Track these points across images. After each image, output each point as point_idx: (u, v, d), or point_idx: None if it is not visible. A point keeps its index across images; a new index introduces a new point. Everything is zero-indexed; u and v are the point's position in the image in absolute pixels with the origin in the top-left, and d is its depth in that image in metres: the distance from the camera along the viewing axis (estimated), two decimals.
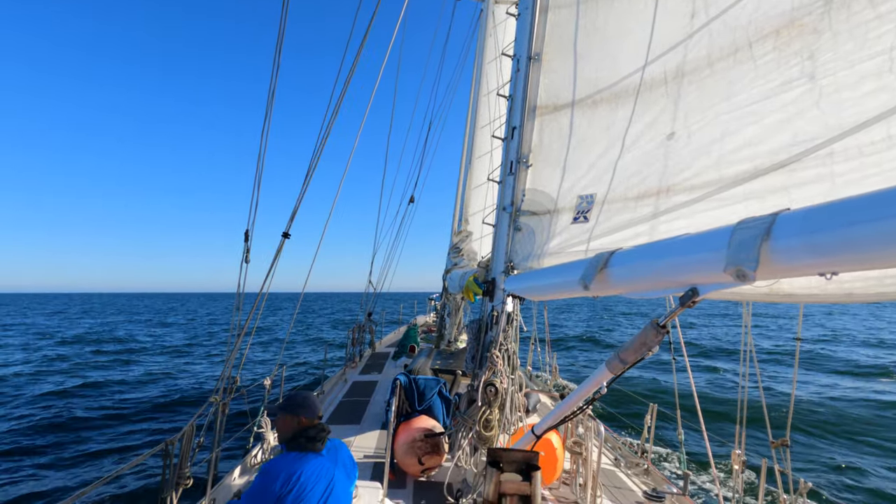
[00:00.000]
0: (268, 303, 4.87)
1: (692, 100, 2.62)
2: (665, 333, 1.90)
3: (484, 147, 9.55)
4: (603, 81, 3.30)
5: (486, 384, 3.59)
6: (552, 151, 3.76)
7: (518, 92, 3.97)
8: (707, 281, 1.64)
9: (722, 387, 15.20)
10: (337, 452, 2.38)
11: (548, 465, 3.97)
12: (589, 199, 3.29)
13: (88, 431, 10.56)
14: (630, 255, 2.06)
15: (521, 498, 2.32)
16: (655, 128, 2.85)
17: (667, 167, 2.72)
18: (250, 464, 4.26)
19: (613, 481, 4.49)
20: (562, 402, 2.79)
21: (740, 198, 2.28)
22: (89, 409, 12.27)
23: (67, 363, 20.01)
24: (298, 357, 22.57)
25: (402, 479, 4.16)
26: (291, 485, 2.10)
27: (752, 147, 2.25)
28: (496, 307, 3.97)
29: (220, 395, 3.68)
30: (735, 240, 1.44)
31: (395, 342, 11.89)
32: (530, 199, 3.89)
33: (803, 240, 1.21)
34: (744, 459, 3.75)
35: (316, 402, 2.39)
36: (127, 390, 14.78)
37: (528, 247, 3.85)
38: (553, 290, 2.99)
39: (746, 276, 1.38)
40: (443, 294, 10.47)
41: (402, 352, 9.42)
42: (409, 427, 4.27)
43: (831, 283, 1.71)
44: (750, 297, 2.11)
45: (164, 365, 19.89)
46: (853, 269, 1.14)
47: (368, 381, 7.94)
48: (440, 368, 6.69)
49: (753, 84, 2.25)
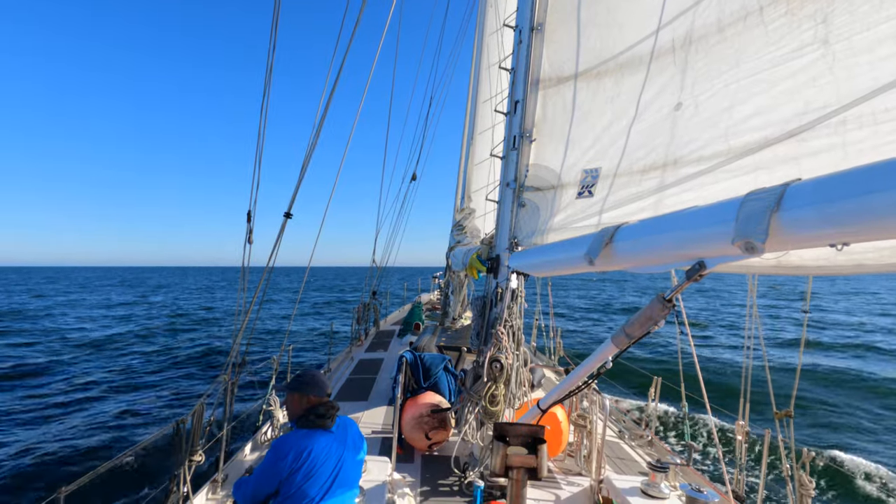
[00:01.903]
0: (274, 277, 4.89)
1: (700, 68, 2.54)
2: (671, 308, 1.89)
3: (486, 122, 9.42)
4: (608, 51, 3.21)
5: (491, 360, 3.61)
6: (556, 125, 3.69)
7: (520, 64, 3.88)
8: (714, 254, 1.62)
9: (723, 361, 15.32)
10: (346, 429, 2.41)
11: (553, 438, 4.03)
12: (594, 174, 3.24)
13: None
14: (636, 230, 2.03)
15: (527, 470, 2.36)
16: (662, 98, 2.78)
17: (674, 139, 2.67)
18: (261, 440, 4.35)
19: (618, 453, 4.56)
20: (567, 377, 2.81)
21: (749, 169, 2.23)
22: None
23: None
24: (305, 333, 22.85)
25: (409, 453, 4.24)
26: (302, 461, 2.13)
27: (761, 116, 2.19)
28: (500, 284, 3.96)
29: (228, 374, 3.73)
30: (744, 212, 1.41)
31: (399, 320, 11.98)
32: (534, 174, 3.83)
33: (815, 210, 1.18)
34: (747, 430, 3.79)
35: (324, 380, 2.41)
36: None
37: (532, 223, 3.81)
38: (558, 266, 2.97)
39: (755, 249, 1.36)
40: (446, 271, 10.49)
41: (407, 329, 9.49)
42: (416, 403, 4.32)
43: (841, 255, 1.68)
44: (758, 270, 2.09)
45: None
46: (867, 240, 1.12)
47: (374, 359, 8.02)
48: (445, 345, 6.75)
49: (764, 50, 2.18)
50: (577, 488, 3.71)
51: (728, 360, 15.29)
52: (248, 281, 4.08)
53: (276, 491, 2.20)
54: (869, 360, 15.95)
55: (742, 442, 3.80)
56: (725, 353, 16.63)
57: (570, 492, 3.68)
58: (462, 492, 3.57)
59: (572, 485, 3.78)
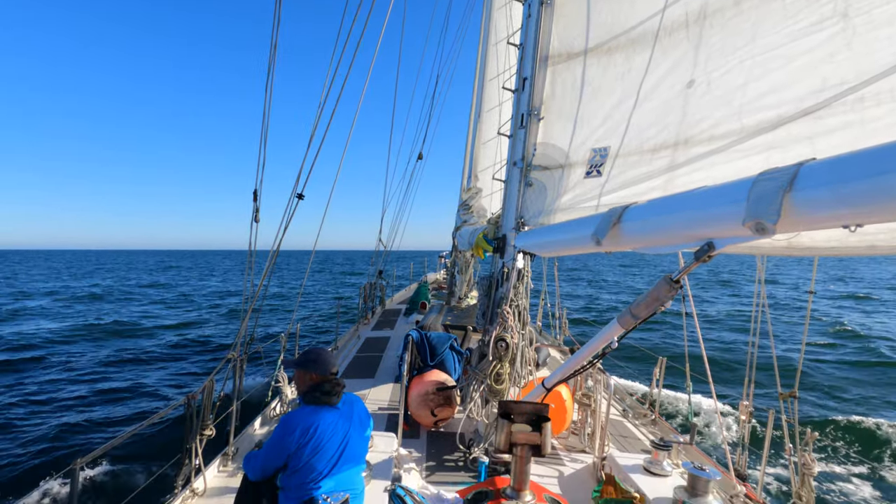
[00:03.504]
0: (280, 258, 4.92)
1: (715, 43, 2.47)
2: (679, 288, 1.88)
3: (493, 100, 9.28)
4: (619, 26, 3.13)
5: (496, 339, 3.63)
6: (565, 103, 3.62)
7: (529, 40, 3.79)
8: (724, 235, 1.60)
9: (729, 343, 15.34)
10: (352, 406, 2.45)
11: (557, 416, 4.07)
12: (603, 153, 3.19)
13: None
14: (645, 210, 2.01)
15: (531, 447, 2.39)
16: (674, 75, 2.71)
17: (685, 117, 2.61)
18: (270, 415, 4.44)
19: (621, 431, 4.61)
20: (572, 357, 2.82)
21: (762, 148, 2.19)
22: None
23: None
24: (313, 312, 23.11)
25: (415, 429, 4.31)
26: (309, 436, 2.18)
27: (776, 94, 2.14)
28: (507, 264, 3.96)
29: (237, 352, 3.79)
30: (755, 192, 1.39)
31: (406, 299, 12.06)
32: (542, 153, 3.79)
33: (829, 190, 1.16)
34: (751, 410, 3.80)
35: (329, 358, 2.44)
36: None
37: (539, 202, 3.78)
38: (564, 246, 2.96)
39: (766, 230, 1.34)
40: (453, 251, 10.49)
41: (414, 308, 9.55)
42: (422, 380, 4.38)
43: (853, 236, 1.65)
44: (767, 251, 2.07)
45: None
46: (882, 221, 1.09)
47: (381, 337, 8.11)
48: (451, 324, 6.79)
49: (782, 24, 2.11)
50: (581, 465, 3.77)
51: (735, 342, 15.31)
52: (254, 261, 4.11)
53: (284, 465, 2.25)
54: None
55: (746, 421, 3.82)
56: (731, 335, 16.63)
57: (573, 468, 3.73)
58: (467, 467, 3.64)
59: (576, 462, 3.83)
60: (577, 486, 3.49)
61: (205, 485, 3.17)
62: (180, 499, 2.98)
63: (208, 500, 3.10)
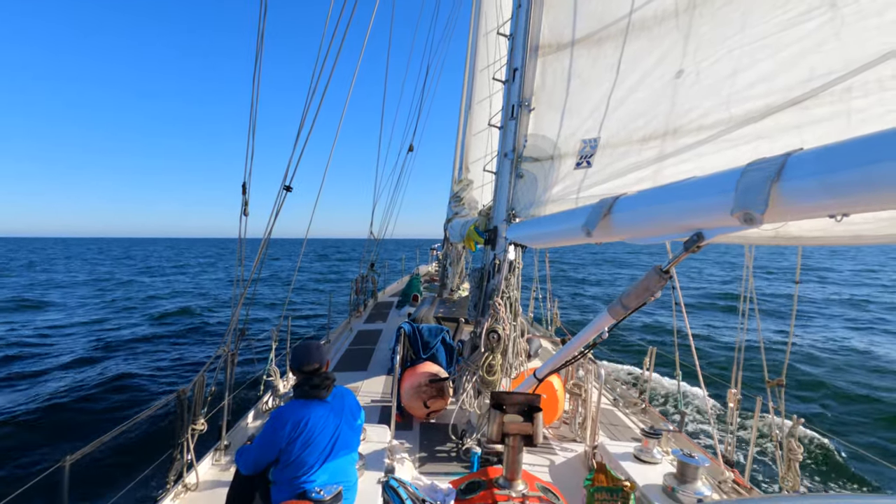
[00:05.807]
0: (272, 248, 4.86)
1: (704, 33, 2.47)
2: (668, 279, 1.90)
3: (484, 91, 9.23)
4: (609, 16, 3.11)
5: (488, 331, 3.64)
6: (555, 94, 3.61)
7: (519, 29, 3.77)
8: (713, 225, 1.61)
9: (718, 332, 15.53)
10: (343, 399, 2.45)
11: (549, 406, 4.11)
12: (592, 144, 3.19)
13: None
14: (634, 201, 2.02)
15: (523, 437, 2.41)
16: (663, 65, 2.71)
17: (674, 107, 2.61)
18: (262, 409, 4.43)
19: (612, 420, 4.67)
20: (564, 347, 2.84)
21: (750, 138, 2.20)
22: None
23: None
24: (304, 303, 23.04)
25: (408, 421, 4.32)
26: (300, 430, 2.18)
27: (765, 83, 2.14)
28: (498, 255, 3.96)
29: (228, 346, 3.77)
30: (743, 182, 1.39)
31: (398, 291, 12.05)
32: (532, 144, 3.78)
33: (816, 180, 1.17)
34: (739, 398, 3.86)
35: (315, 352, 2.43)
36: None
37: (530, 194, 3.78)
38: (555, 238, 2.97)
39: (754, 220, 1.35)
40: (444, 243, 10.49)
41: (406, 301, 9.56)
42: (415, 372, 4.38)
43: (839, 226, 1.67)
44: (755, 241, 2.09)
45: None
46: (868, 210, 1.11)
47: (373, 330, 8.10)
48: (443, 316, 6.80)
49: (771, 14, 2.11)
50: (572, 454, 3.81)
51: (723, 333, 15.50)
52: (244, 252, 4.07)
53: (276, 459, 2.25)
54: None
55: (734, 409, 3.89)
56: (720, 326, 16.84)
57: (564, 457, 3.78)
58: (459, 458, 3.67)
59: (567, 451, 3.88)
60: (568, 475, 3.53)
61: (197, 479, 3.17)
62: (172, 494, 2.97)
63: (201, 494, 3.09)
